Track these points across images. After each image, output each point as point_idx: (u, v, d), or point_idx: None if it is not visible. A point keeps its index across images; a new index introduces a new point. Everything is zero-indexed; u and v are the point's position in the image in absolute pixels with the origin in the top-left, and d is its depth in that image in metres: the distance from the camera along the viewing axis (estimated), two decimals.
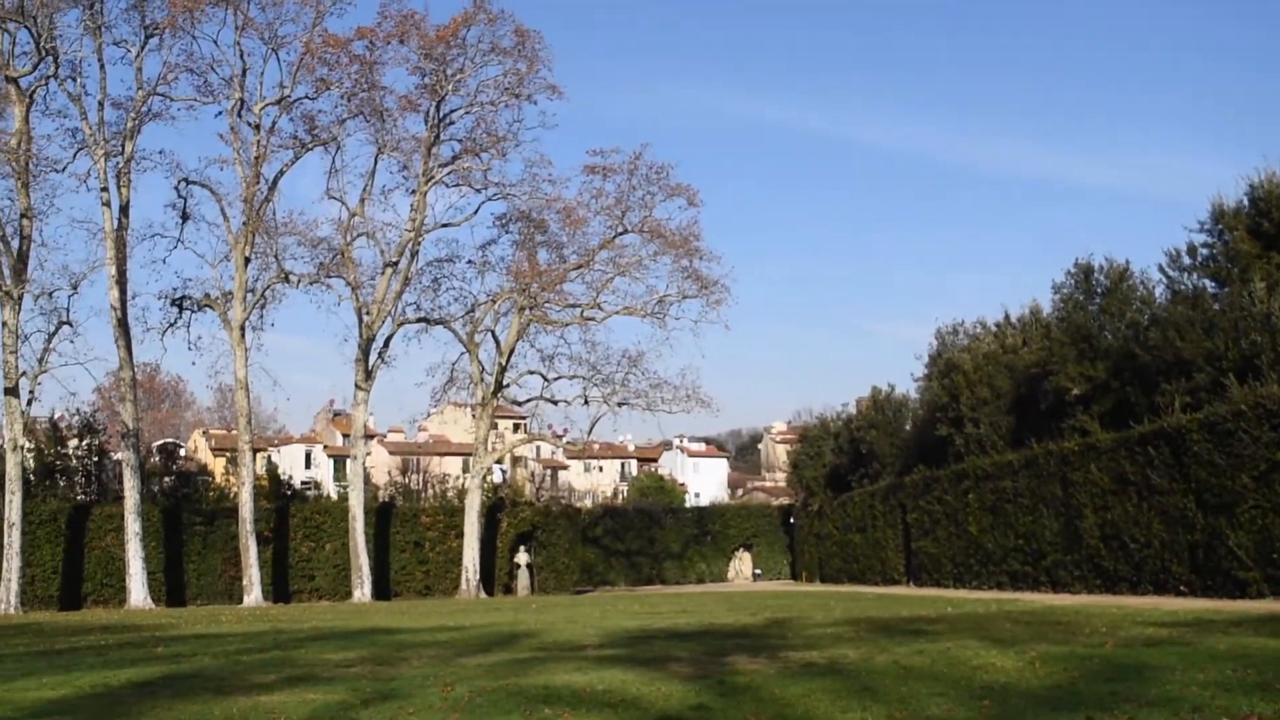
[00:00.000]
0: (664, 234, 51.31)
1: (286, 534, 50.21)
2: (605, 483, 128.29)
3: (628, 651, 17.27)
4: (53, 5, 43.32)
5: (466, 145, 50.76)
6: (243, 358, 47.10)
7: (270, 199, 48.14)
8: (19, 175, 42.97)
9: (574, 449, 63.64)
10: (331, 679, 14.41)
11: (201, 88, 47.60)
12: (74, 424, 53.03)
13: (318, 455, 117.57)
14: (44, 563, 45.53)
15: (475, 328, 51.85)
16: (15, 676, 15.89)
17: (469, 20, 48.44)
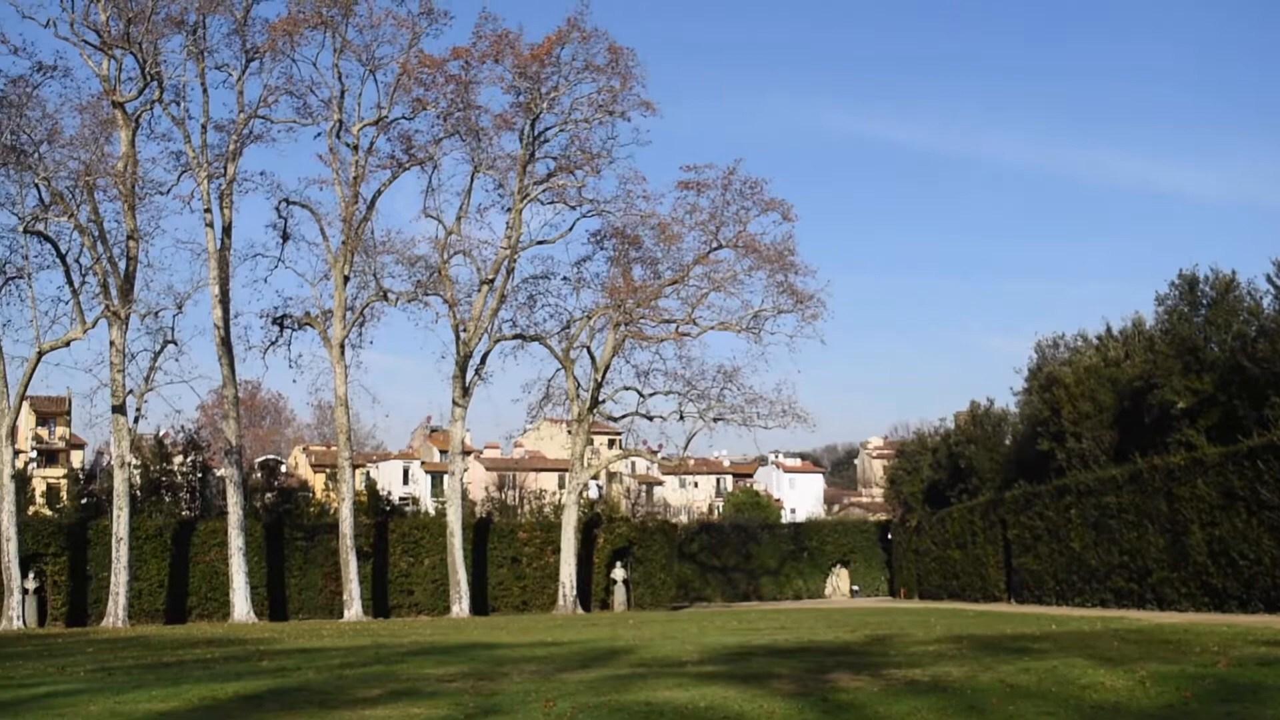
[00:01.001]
0: (759, 249, 51.11)
1: (386, 549, 50.68)
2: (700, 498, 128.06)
3: (728, 668, 17.17)
4: (157, 32, 44.24)
5: (561, 163, 50.98)
6: (342, 375, 47.65)
7: (368, 218, 48.71)
8: (125, 198, 43.87)
9: (669, 464, 63.59)
10: (434, 694, 14.49)
11: (301, 110, 48.44)
12: (179, 441, 54.05)
13: (415, 471, 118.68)
14: (150, 577, 46.37)
15: (571, 344, 52.00)
16: (125, 689, 16.17)
17: (563, 39, 48.67)
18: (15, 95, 42.50)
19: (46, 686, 17.05)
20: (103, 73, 44.55)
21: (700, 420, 51.66)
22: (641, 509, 72.48)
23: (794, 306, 51.02)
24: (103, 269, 43.71)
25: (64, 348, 43.51)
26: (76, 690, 16.35)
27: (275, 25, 46.33)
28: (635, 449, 57.80)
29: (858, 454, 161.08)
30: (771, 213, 51.60)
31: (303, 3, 46.04)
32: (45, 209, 43.37)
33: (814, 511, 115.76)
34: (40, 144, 42.52)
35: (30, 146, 42.36)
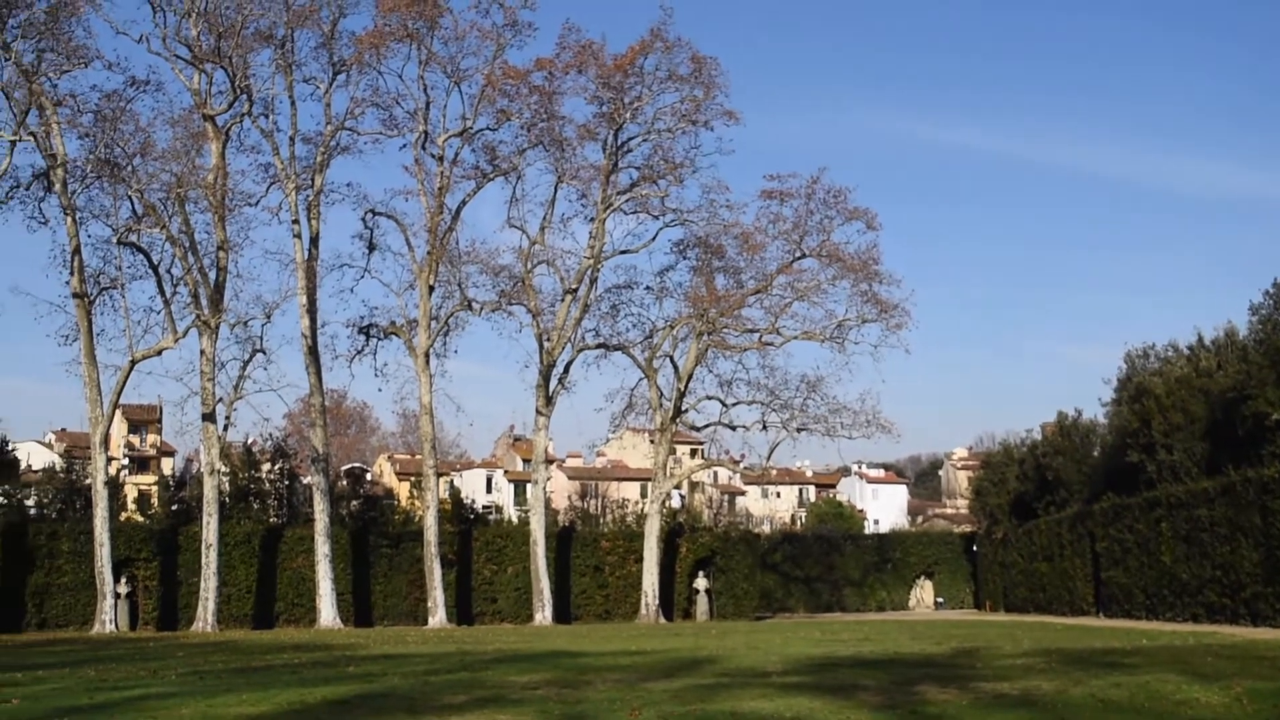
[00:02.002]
0: (842, 258, 50.85)
1: (469, 557, 50.99)
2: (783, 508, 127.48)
3: (813, 679, 17.08)
4: (247, 46, 44.97)
5: (644, 172, 51.05)
6: (427, 384, 48.03)
7: (453, 228, 49.09)
8: (216, 209, 44.56)
9: (752, 474, 63.38)
10: (519, 701, 14.53)
11: (387, 121, 48.94)
12: (267, 449, 54.75)
13: (498, 480, 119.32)
14: (239, 582, 47.01)
15: (654, 353, 52.05)
16: (217, 693, 16.39)
17: (646, 49, 48.77)
18: (109, 110, 43.37)
19: (140, 689, 17.32)
20: (194, 87, 45.32)
21: (783, 430, 51.49)
22: (724, 519, 72.29)
23: (878, 316, 50.72)
24: (193, 279, 44.43)
25: (155, 357, 44.29)
26: (169, 693, 16.60)
27: (362, 38, 46.91)
28: (718, 459, 57.70)
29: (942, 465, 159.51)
30: (855, 221, 51.41)
31: (389, 16, 46.52)
32: (138, 221, 44.18)
33: (897, 523, 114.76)
34: (133, 157, 43.34)
35: (124, 159, 43.18)
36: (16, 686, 18.11)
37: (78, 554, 44.39)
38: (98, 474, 43.48)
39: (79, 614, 44.16)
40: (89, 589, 43.40)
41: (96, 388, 43.61)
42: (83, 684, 18.50)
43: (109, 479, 44.71)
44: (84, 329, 43.40)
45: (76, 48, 42.62)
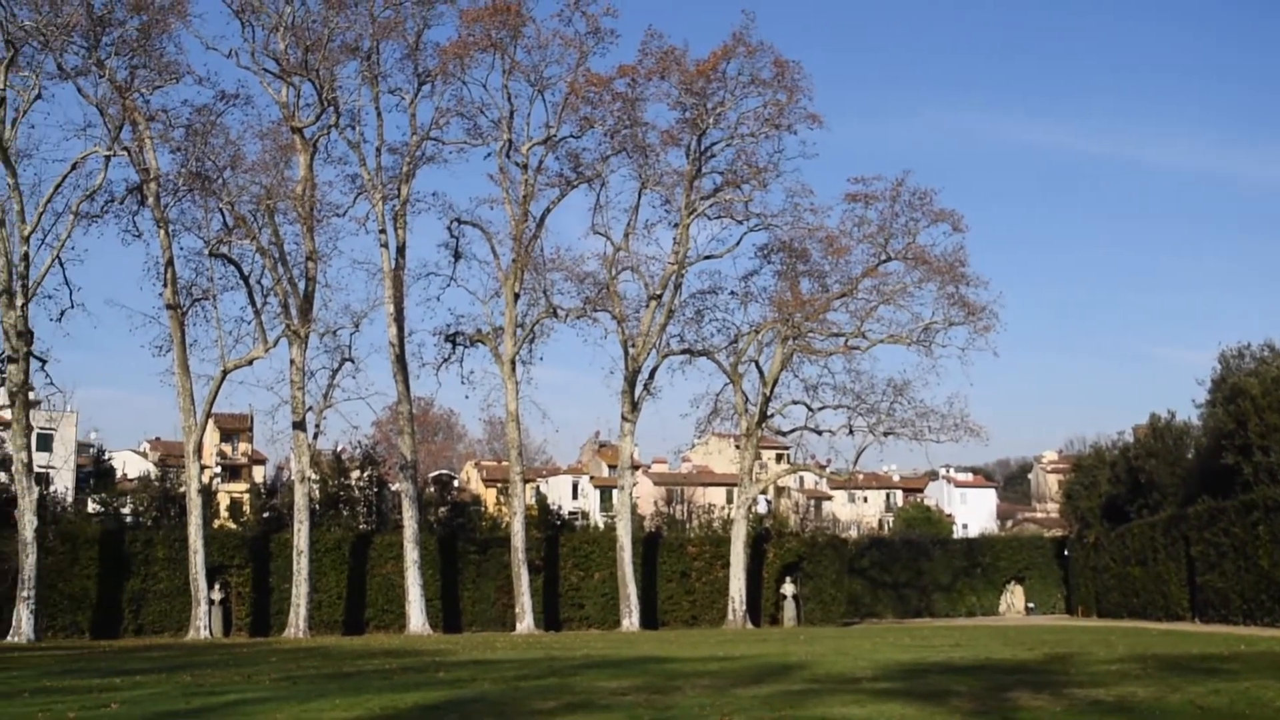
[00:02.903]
0: (928, 260, 50.44)
1: (556, 563, 51.16)
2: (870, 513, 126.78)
3: (904, 685, 16.93)
4: (333, 59, 45.52)
5: (728, 177, 50.96)
6: (513, 391, 48.26)
7: (538, 236, 49.32)
8: (304, 220, 45.12)
9: (839, 479, 62.99)
10: (609, 706, 14.54)
11: (471, 130, 49.27)
12: (356, 456, 55.33)
13: (584, 486, 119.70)
14: (329, 589, 47.52)
15: (739, 359, 51.92)
16: (309, 697, 16.57)
17: (728, 53, 48.68)
18: (200, 124, 44.09)
19: (234, 694, 17.56)
20: (282, 100, 45.96)
21: (870, 434, 51.15)
22: (810, 524, 71.98)
23: (965, 319, 50.27)
24: (283, 289, 45.02)
25: (247, 366, 44.89)
26: (263, 698, 16.82)
27: (446, 49, 47.31)
28: (804, 464, 57.40)
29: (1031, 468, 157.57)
30: (941, 224, 51.00)
31: (472, 26, 46.85)
32: (229, 232, 44.86)
33: (986, 527, 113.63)
34: (224, 170, 43.99)
35: (214, 172, 43.84)
36: (115, 691, 18.44)
37: (173, 561, 45.10)
38: (191, 482, 44.16)
39: (174, 620, 44.87)
40: (184, 595, 44.09)
41: (190, 397, 44.31)
42: (179, 689, 18.79)
43: (202, 487, 45.40)
44: (177, 340, 44.13)
45: (168, 64, 43.46)
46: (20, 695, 18.22)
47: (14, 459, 41.54)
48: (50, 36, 40.69)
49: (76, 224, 42.55)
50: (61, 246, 42.13)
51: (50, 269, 42.05)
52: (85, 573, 44.24)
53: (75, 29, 41.35)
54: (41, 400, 47.05)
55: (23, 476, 40.42)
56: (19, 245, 41.15)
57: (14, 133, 41.51)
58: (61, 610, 43.49)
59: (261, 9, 45.17)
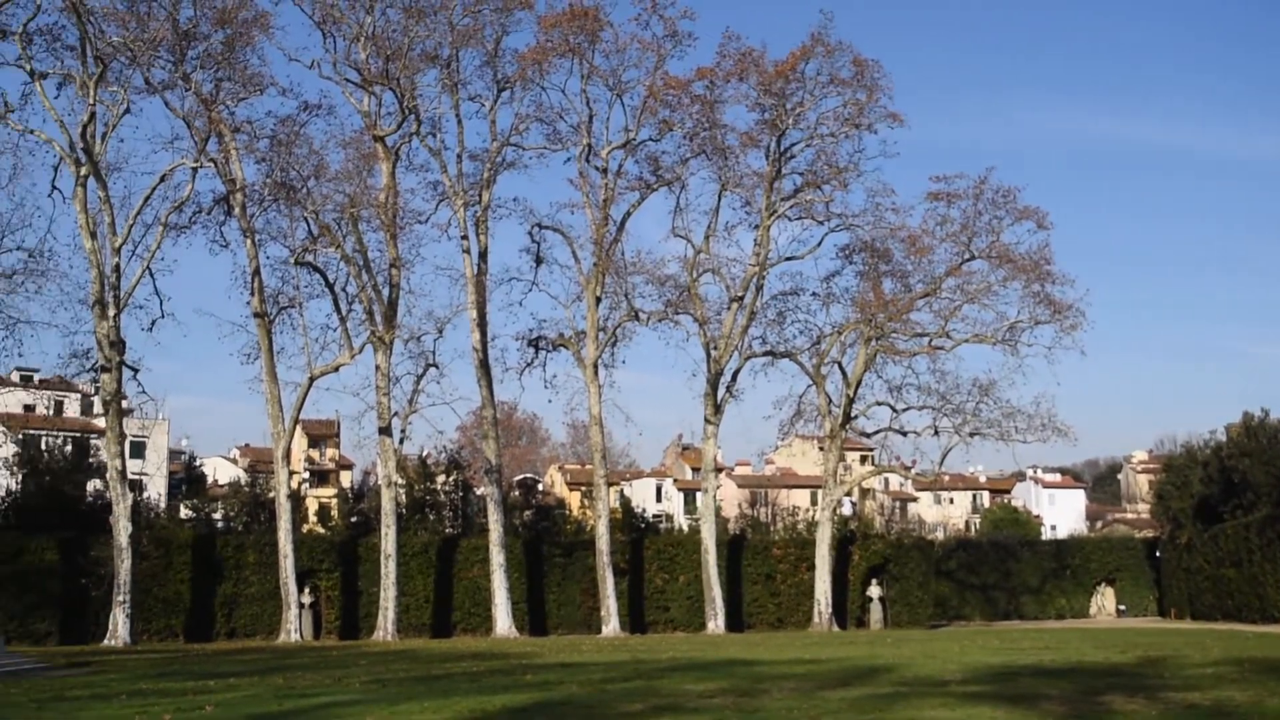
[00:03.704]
0: (1013, 259, 49.88)
1: (641, 566, 51.20)
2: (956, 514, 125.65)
3: (993, 688, 16.76)
4: (414, 67, 45.94)
5: (808, 178, 50.75)
6: (596, 394, 48.38)
7: (619, 239, 49.40)
8: (387, 228, 45.56)
9: (924, 480, 62.55)
10: (696, 709, 14.53)
11: (551, 136, 49.48)
12: (441, 460, 55.76)
13: (668, 489, 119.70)
14: (416, 592, 47.90)
15: (821, 360, 51.66)
16: (398, 700, 16.73)
17: (807, 54, 48.48)
18: (284, 134, 44.71)
19: (325, 697, 17.77)
20: (364, 109, 46.45)
21: (956, 435, 50.69)
22: (896, 525, 71.52)
23: (1052, 317, 49.65)
24: (368, 296, 45.48)
25: (333, 373, 45.41)
26: (353, 701, 17.00)
27: (524, 55, 47.53)
28: (889, 465, 57.02)
29: (1121, 468, 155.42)
30: (1025, 221, 50.41)
31: (550, 32, 47.06)
32: (314, 241, 45.42)
33: (1075, 528, 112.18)
34: (308, 179, 44.52)
35: (299, 182, 44.40)
36: (209, 694, 18.73)
37: (263, 565, 45.68)
38: (280, 487, 44.74)
39: (265, 623, 45.46)
40: (274, 599, 44.66)
41: (278, 404, 44.90)
42: (271, 691, 19.04)
43: (291, 492, 45.94)
44: (265, 347, 44.73)
45: (252, 76, 44.11)
46: (118, 697, 18.57)
47: (108, 466, 42.34)
48: (138, 52, 41.44)
49: (165, 235, 43.30)
50: (151, 257, 42.88)
51: (141, 280, 42.81)
52: (179, 577, 44.95)
53: (162, 44, 42.09)
54: (134, 408, 47.94)
55: (117, 483, 41.17)
56: (110, 257, 41.93)
57: (104, 147, 42.33)
58: (156, 614, 44.21)
59: (343, 20, 45.72)
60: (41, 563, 42.63)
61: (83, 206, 41.40)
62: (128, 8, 41.89)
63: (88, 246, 41.42)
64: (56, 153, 41.82)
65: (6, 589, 41.45)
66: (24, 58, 40.86)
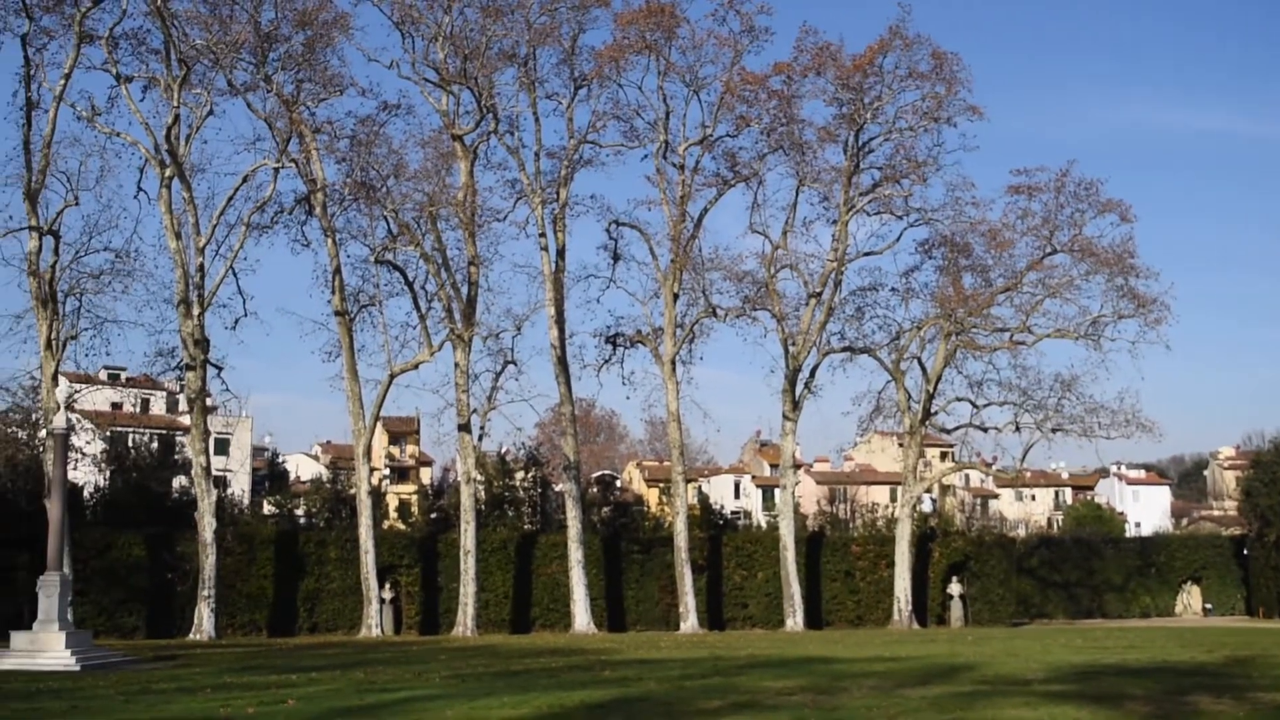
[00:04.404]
0: (1096, 252, 49.35)
1: (719, 562, 51.14)
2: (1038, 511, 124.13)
3: (1077, 687, 16.55)
4: (491, 66, 46.18)
5: (886, 172, 50.43)
6: (674, 391, 48.37)
7: (696, 236, 49.35)
8: (466, 226, 45.83)
9: (1005, 477, 61.96)
10: (775, 706, 14.48)
11: (628, 133, 49.50)
12: (520, 457, 56.05)
13: (746, 485, 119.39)
14: (495, 588, 48.15)
15: (900, 356, 51.33)
16: (478, 695, 16.83)
17: (885, 47, 48.20)
18: (364, 134, 45.14)
19: (406, 691, 17.91)
20: (442, 108, 46.74)
21: (1037, 431, 50.24)
22: (977, 522, 70.90)
23: (1135, 311, 49.09)
24: (446, 294, 45.76)
25: (412, 370, 45.74)
26: (433, 695, 17.13)
27: (601, 52, 47.62)
28: (969, 461, 56.53)
29: (1207, 465, 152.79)
30: (1108, 214, 49.96)
31: (627, 29, 47.10)
32: (393, 239, 45.79)
33: (1160, 525, 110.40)
34: (387, 179, 44.91)
35: (379, 181, 44.80)
36: (293, 688, 18.96)
37: (345, 561, 46.12)
38: (361, 484, 45.17)
39: (347, 618, 45.90)
40: (355, 594, 45.08)
41: (358, 401, 45.32)
42: (353, 686, 19.23)
43: (372, 489, 46.38)
44: (345, 345, 45.16)
45: (332, 77, 44.56)
46: (203, 690, 18.85)
47: (193, 463, 42.98)
48: (220, 54, 42.04)
49: (248, 235, 43.83)
50: (235, 257, 43.45)
51: (224, 279, 43.39)
52: (262, 572, 45.51)
53: (244, 46, 42.67)
54: (218, 406, 48.62)
55: (202, 480, 41.79)
56: (195, 257, 42.54)
57: (188, 148, 42.96)
58: (240, 609, 44.80)
59: (421, 20, 46.02)
60: (129, 558, 43.35)
61: (167, 207, 42.08)
62: (211, 11, 42.54)
63: (172, 247, 42.07)
64: (142, 155, 42.55)
65: (95, 583, 42.19)
66: (110, 62, 41.65)
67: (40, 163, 39.95)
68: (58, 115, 40.27)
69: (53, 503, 29.25)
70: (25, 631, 27.31)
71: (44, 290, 39.92)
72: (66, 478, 31.00)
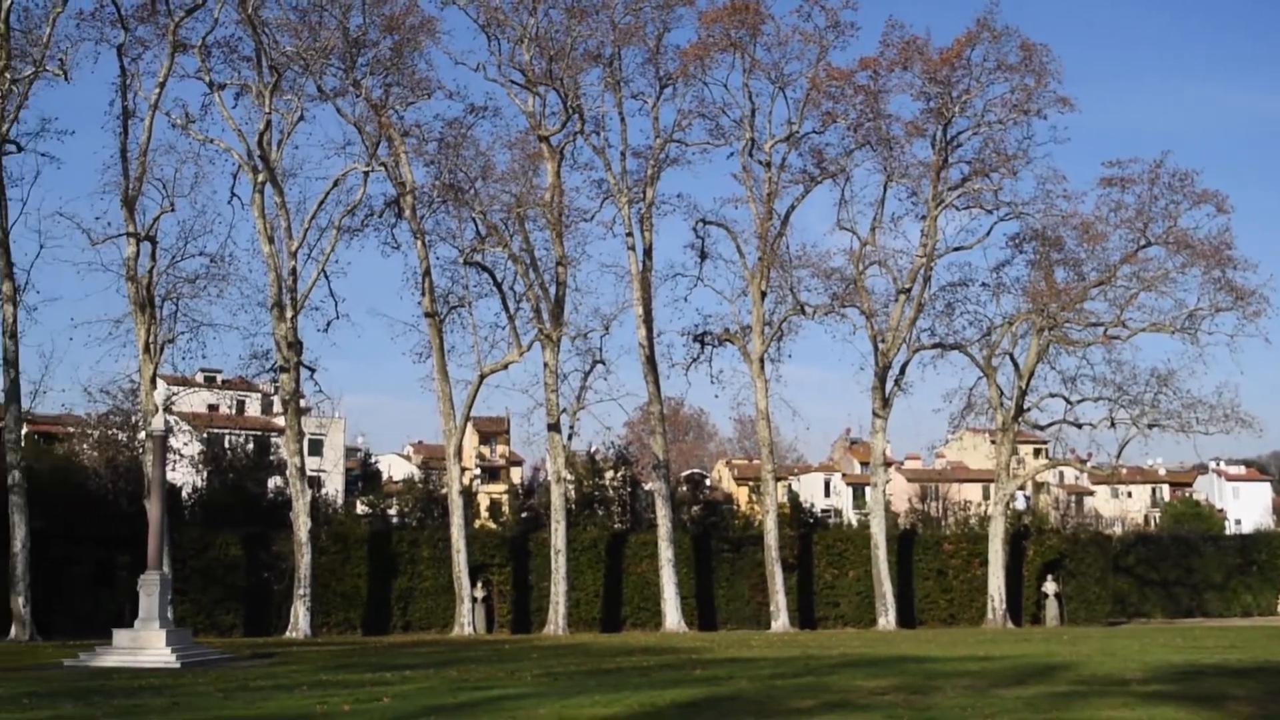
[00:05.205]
0: (1192, 244, 48.59)
1: (810, 561, 50.92)
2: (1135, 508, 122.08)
3: (1176, 688, 16.27)
4: (576, 67, 46.34)
5: (976, 166, 49.98)
6: (763, 389, 48.23)
7: (783, 233, 49.16)
8: (553, 226, 46.04)
9: (1100, 474, 61.05)
10: (867, 706, 14.39)
11: (713, 131, 49.42)
12: (609, 456, 56.15)
13: (836, 483, 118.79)
14: (586, 587, 48.30)
15: (992, 351, 50.81)
16: (570, 694, 16.89)
17: (973, 40, 47.78)
18: (452, 137, 45.49)
19: (498, 690, 18.03)
20: (528, 110, 46.97)
21: (1133, 427, 49.56)
22: (1071, 520, 69.91)
23: (1233, 304, 48.30)
24: (535, 295, 45.99)
25: (502, 370, 45.96)
26: (525, 694, 17.22)
27: (686, 51, 47.61)
28: (1064, 458, 55.84)
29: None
30: (1204, 205, 49.20)
31: (711, 27, 47.05)
32: (482, 241, 46.12)
33: (1262, 523, 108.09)
34: (475, 180, 45.21)
35: (467, 183, 45.12)
36: (387, 686, 19.16)
37: (437, 560, 46.51)
38: (453, 484, 45.52)
39: (439, 617, 46.27)
40: (448, 593, 45.42)
41: (449, 401, 45.67)
42: (446, 684, 19.39)
43: (463, 488, 46.71)
44: (436, 346, 45.54)
45: (420, 80, 44.98)
46: (299, 688, 19.12)
47: (288, 464, 43.61)
48: (310, 61, 42.62)
49: (339, 238, 44.41)
50: (326, 260, 44.05)
51: (316, 282, 43.98)
52: (356, 571, 46.06)
53: (333, 52, 43.19)
54: (312, 407, 49.22)
55: (296, 480, 42.38)
56: (287, 260, 43.16)
57: (279, 154, 43.62)
58: (335, 607, 45.37)
59: (506, 22, 46.28)
60: (226, 557, 44.11)
61: (260, 212, 42.75)
62: (300, 18, 43.14)
63: (265, 251, 42.72)
64: (235, 161, 43.30)
65: (194, 582, 42.96)
66: (203, 70, 42.39)
67: (137, 170, 40.78)
68: (153, 123, 41.12)
69: (152, 503, 29.80)
70: (127, 629, 27.84)
71: (142, 295, 40.74)
72: (165, 479, 31.60)
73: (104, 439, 51.49)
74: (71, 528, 41.07)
